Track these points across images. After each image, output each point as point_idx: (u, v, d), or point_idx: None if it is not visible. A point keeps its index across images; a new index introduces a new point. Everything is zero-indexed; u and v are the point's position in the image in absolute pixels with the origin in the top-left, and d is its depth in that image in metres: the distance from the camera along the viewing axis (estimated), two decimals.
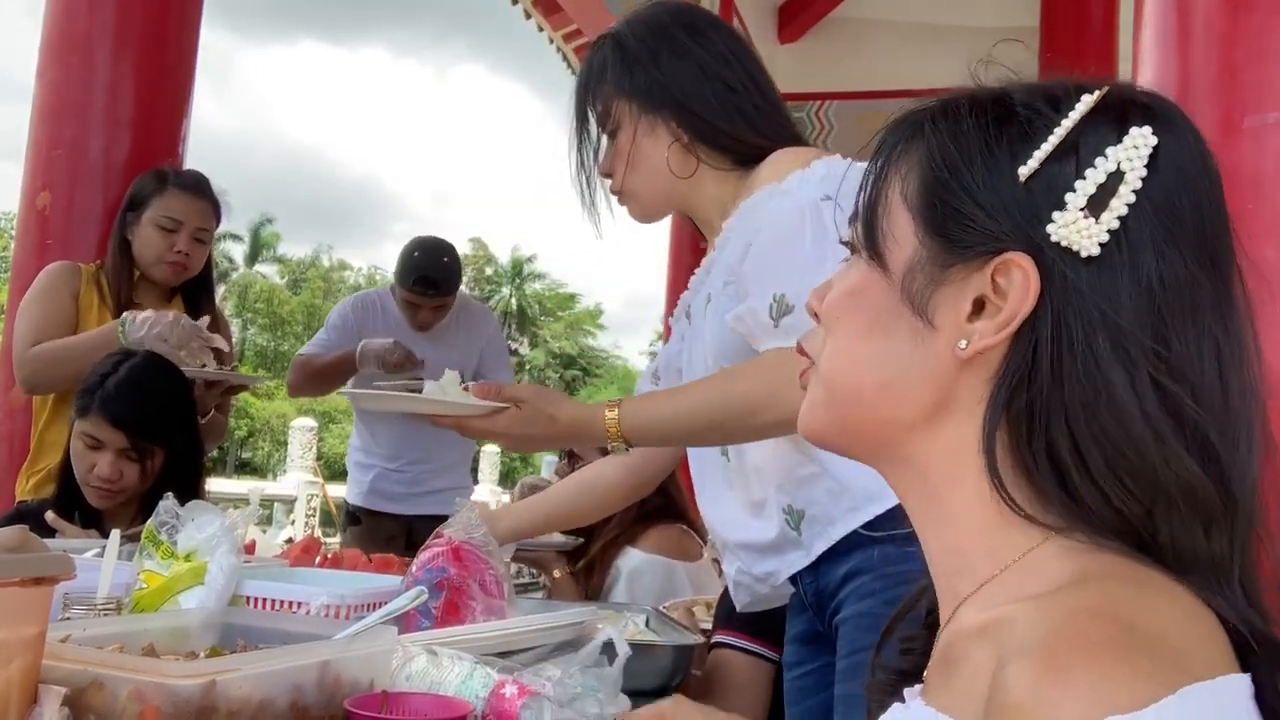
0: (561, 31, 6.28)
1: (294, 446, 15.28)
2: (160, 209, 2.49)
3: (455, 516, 1.49)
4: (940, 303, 0.68)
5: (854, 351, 0.73)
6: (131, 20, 2.69)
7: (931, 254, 0.69)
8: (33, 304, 2.46)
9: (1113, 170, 0.65)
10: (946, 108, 0.72)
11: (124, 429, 2.01)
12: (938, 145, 0.70)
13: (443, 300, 3.43)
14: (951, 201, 0.68)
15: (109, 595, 1.25)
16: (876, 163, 0.74)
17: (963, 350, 0.67)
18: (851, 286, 0.73)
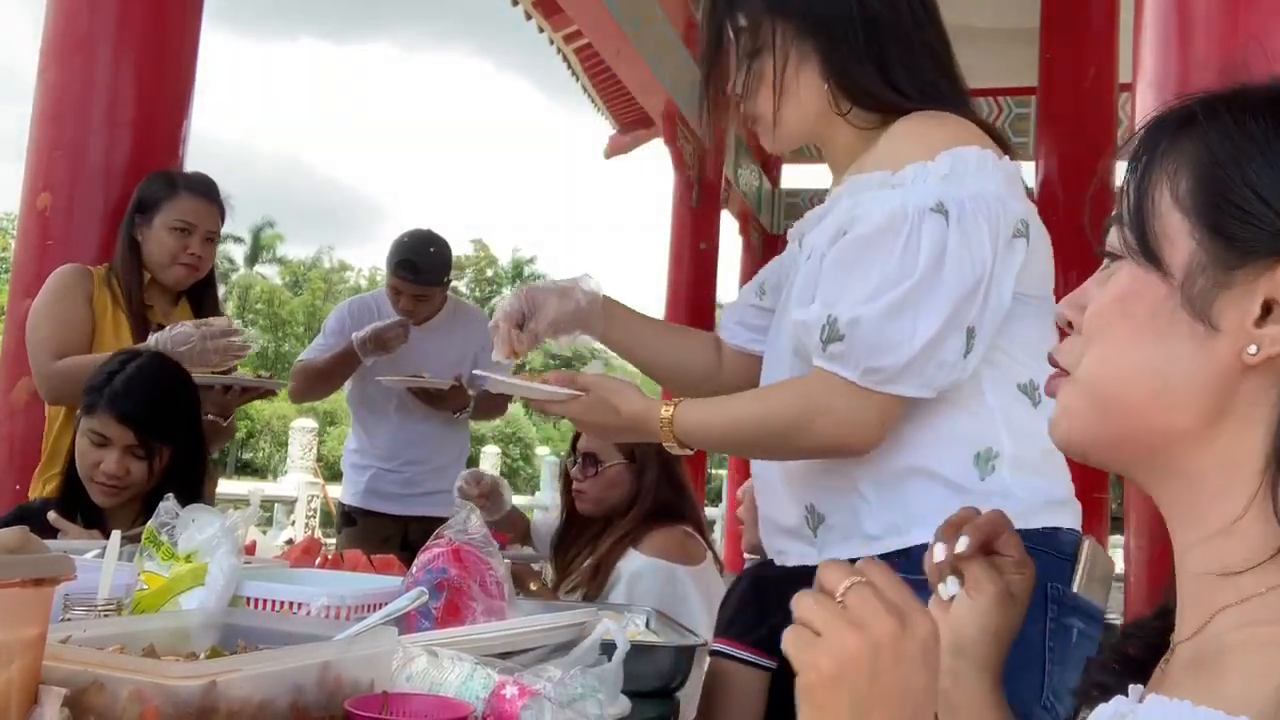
0: (562, 32, 6.29)
1: (294, 447, 15.29)
2: (173, 212, 2.52)
3: (455, 517, 1.49)
4: (1225, 305, 0.66)
5: (1126, 358, 0.70)
6: (132, 20, 2.69)
7: (1213, 256, 0.66)
8: (48, 309, 2.46)
9: None
10: (1218, 100, 0.70)
11: (132, 426, 2.01)
12: (1216, 142, 0.67)
13: (424, 290, 3.44)
14: (1234, 199, 0.66)
15: (109, 596, 1.25)
16: (1139, 162, 0.71)
17: (1253, 356, 0.65)
18: (1123, 291, 0.70)
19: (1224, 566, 0.66)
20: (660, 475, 2.42)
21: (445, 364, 3.47)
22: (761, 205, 8.99)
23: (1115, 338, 0.70)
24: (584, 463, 2.44)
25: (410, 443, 3.52)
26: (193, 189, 2.56)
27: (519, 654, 1.32)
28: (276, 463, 19.84)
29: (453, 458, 3.59)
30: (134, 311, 2.50)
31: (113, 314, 2.51)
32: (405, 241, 3.47)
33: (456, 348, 3.53)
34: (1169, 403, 0.67)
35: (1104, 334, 0.71)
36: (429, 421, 3.51)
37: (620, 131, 7.89)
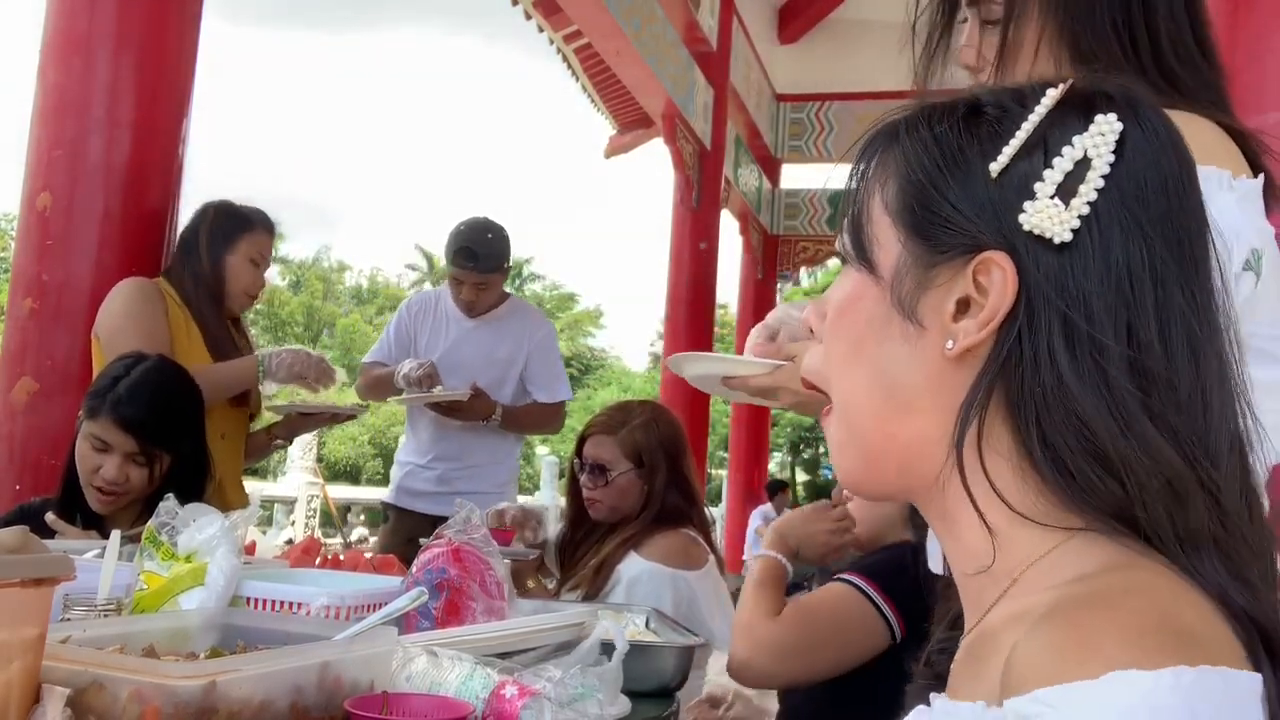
0: (562, 32, 6.29)
1: (294, 448, 15.28)
2: (254, 246, 2.67)
3: (455, 518, 1.49)
4: (928, 305, 0.69)
5: (855, 370, 0.72)
6: (131, 20, 2.69)
7: (915, 257, 0.69)
8: (130, 319, 2.48)
9: (1080, 158, 0.66)
10: (919, 114, 0.73)
11: (134, 433, 2.00)
12: (912, 150, 0.71)
13: (483, 277, 3.42)
14: (928, 204, 0.69)
15: (109, 596, 1.25)
16: (857, 172, 0.74)
17: (950, 350, 0.67)
18: (845, 296, 0.73)
19: (980, 561, 0.69)
20: (669, 478, 2.42)
21: (494, 357, 3.47)
22: (761, 205, 8.99)
23: (843, 348, 0.73)
24: (593, 473, 2.43)
25: (444, 440, 3.51)
26: (265, 226, 2.72)
27: (519, 654, 1.32)
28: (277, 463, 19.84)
29: (489, 458, 3.52)
30: (209, 325, 2.60)
31: (186, 326, 2.57)
32: (462, 230, 3.46)
33: (508, 344, 3.51)
34: (899, 404, 0.70)
35: (834, 346, 0.74)
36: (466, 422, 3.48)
37: (620, 131, 7.89)
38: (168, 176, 2.76)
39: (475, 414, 3.39)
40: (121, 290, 2.51)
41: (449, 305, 3.55)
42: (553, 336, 3.67)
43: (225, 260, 2.62)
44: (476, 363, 3.43)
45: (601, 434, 2.46)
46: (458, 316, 3.54)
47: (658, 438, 2.44)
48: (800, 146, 9.20)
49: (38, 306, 2.60)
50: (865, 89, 8.91)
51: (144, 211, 2.70)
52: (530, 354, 3.51)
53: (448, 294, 3.56)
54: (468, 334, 3.51)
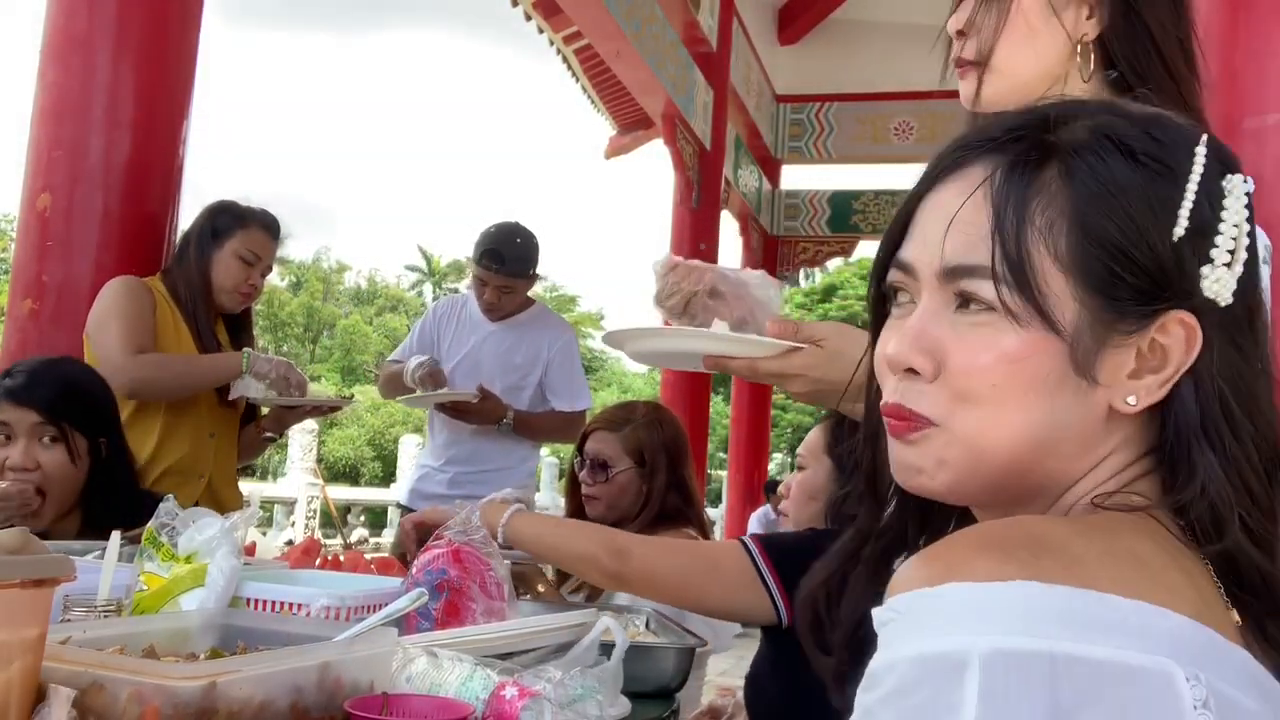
0: (562, 33, 6.29)
1: (294, 449, 15.29)
2: (245, 242, 2.65)
3: (455, 518, 1.49)
4: (1105, 362, 0.68)
5: (1017, 419, 0.69)
6: (131, 20, 2.69)
7: (1094, 314, 0.68)
8: (117, 309, 2.48)
9: (1237, 222, 0.68)
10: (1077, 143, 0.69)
11: (31, 405, 1.84)
12: (1087, 192, 0.68)
13: (507, 281, 3.41)
14: (1115, 258, 0.67)
15: (109, 597, 1.25)
16: (1005, 213, 0.68)
17: (1132, 406, 0.68)
18: (1012, 354, 0.68)
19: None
20: (669, 479, 2.42)
21: (512, 362, 3.47)
22: (761, 206, 8.99)
23: (1006, 401, 0.69)
24: (593, 468, 2.43)
25: (457, 444, 3.52)
26: (262, 224, 2.70)
27: (519, 655, 1.32)
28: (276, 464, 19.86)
29: (502, 463, 3.49)
30: (199, 324, 2.60)
31: (175, 324, 2.58)
32: (491, 232, 3.46)
33: (527, 350, 3.50)
34: (1051, 453, 0.70)
35: (991, 396, 0.69)
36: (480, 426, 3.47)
37: (620, 132, 7.89)
38: (168, 177, 2.76)
39: (485, 417, 3.38)
40: (108, 288, 2.52)
41: (473, 308, 3.55)
42: (573, 345, 3.64)
43: (213, 256, 2.62)
44: (494, 366, 3.44)
45: (604, 430, 2.46)
46: (480, 320, 3.54)
47: (660, 438, 2.44)
48: (800, 147, 9.20)
49: (38, 307, 2.61)
50: (865, 89, 8.92)
51: (144, 212, 2.70)
52: (550, 362, 3.50)
53: (474, 298, 3.56)
54: (488, 338, 3.51)
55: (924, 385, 0.71)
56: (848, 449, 1.89)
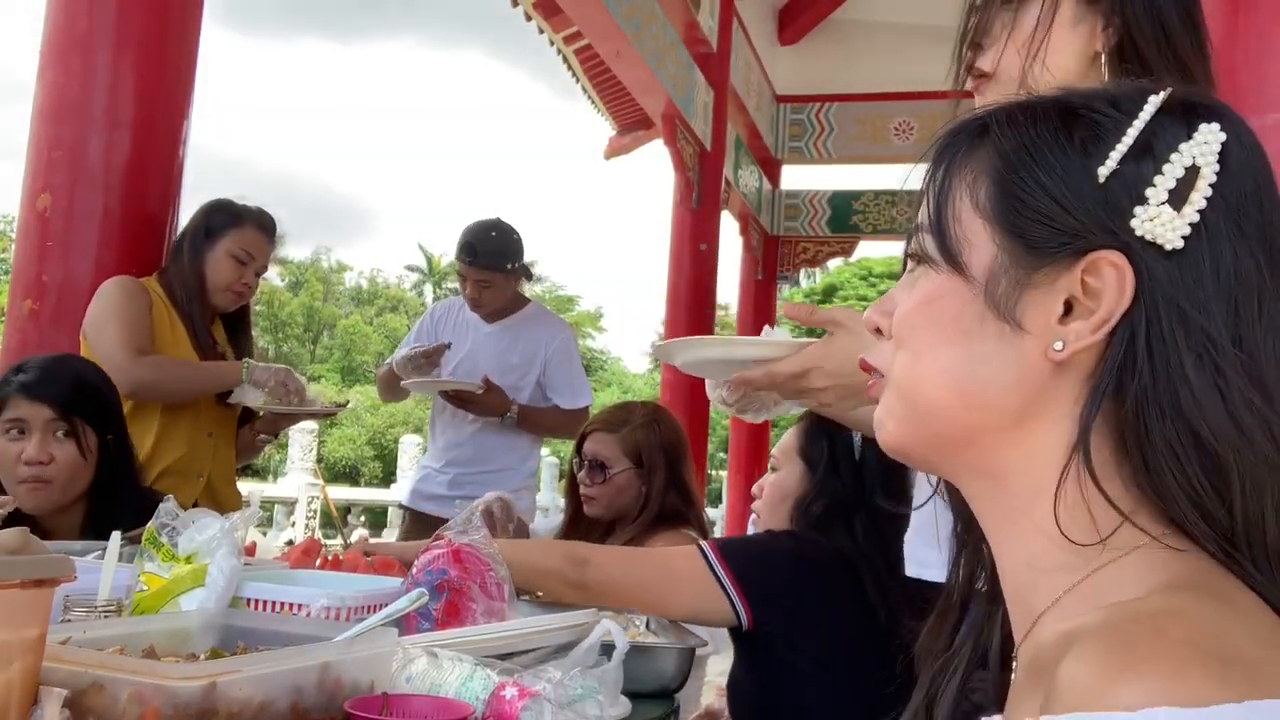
0: (562, 34, 6.28)
1: (294, 449, 15.28)
2: (238, 241, 2.65)
3: (455, 519, 1.49)
4: (1028, 305, 0.67)
5: (935, 360, 0.71)
6: (131, 21, 2.69)
7: (1013, 257, 0.68)
8: (115, 310, 2.48)
9: (1189, 165, 0.66)
10: (1007, 114, 0.72)
11: (47, 401, 1.90)
12: (1009, 148, 0.70)
13: (483, 274, 3.43)
14: (1029, 202, 0.68)
15: (109, 597, 1.25)
16: (938, 171, 0.73)
17: (1059, 352, 0.66)
18: (926, 295, 0.72)
19: (1038, 569, 0.68)
20: (668, 479, 2.42)
21: (508, 363, 3.49)
22: (761, 206, 9.00)
23: (922, 341, 0.72)
24: (591, 469, 2.43)
25: (458, 446, 3.54)
26: (258, 224, 2.71)
27: (519, 655, 1.32)
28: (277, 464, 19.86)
29: (502, 464, 3.50)
30: (195, 324, 2.61)
31: (170, 323, 2.58)
32: (470, 227, 3.49)
33: (523, 351, 3.51)
34: (980, 401, 0.69)
35: (911, 338, 0.73)
36: (480, 426, 3.49)
37: (620, 132, 7.89)
38: (168, 177, 2.76)
39: (489, 409, 3.41)
40: (104, 289, 2.52)
41: (469, 313, 3.57)
42: (571, 342, 3.65)
43: (207, 255, 2.63)
44: (491, 367, 3.45)
45: (602, 431, 2.46)
46: (477, 322, 3.56)
47: (658, 439, 2.45)
48: (800, 147, 9.19)
49: (38, 307, 2.60)
50: (865, 90, 8.91)
51: (144, 212, 2.70)
52: (549, 360, 3.51)
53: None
54: (484, 339, 3.53)
55: (883, 342, 0.76)
56: (819, 450, 1.89)
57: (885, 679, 1.76)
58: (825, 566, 1.78)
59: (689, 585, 1.72)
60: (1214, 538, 0.64)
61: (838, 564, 1.78)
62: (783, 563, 1.79)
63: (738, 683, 1.86)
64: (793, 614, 1.75)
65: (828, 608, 1.77)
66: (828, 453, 1.88)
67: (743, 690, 1.84)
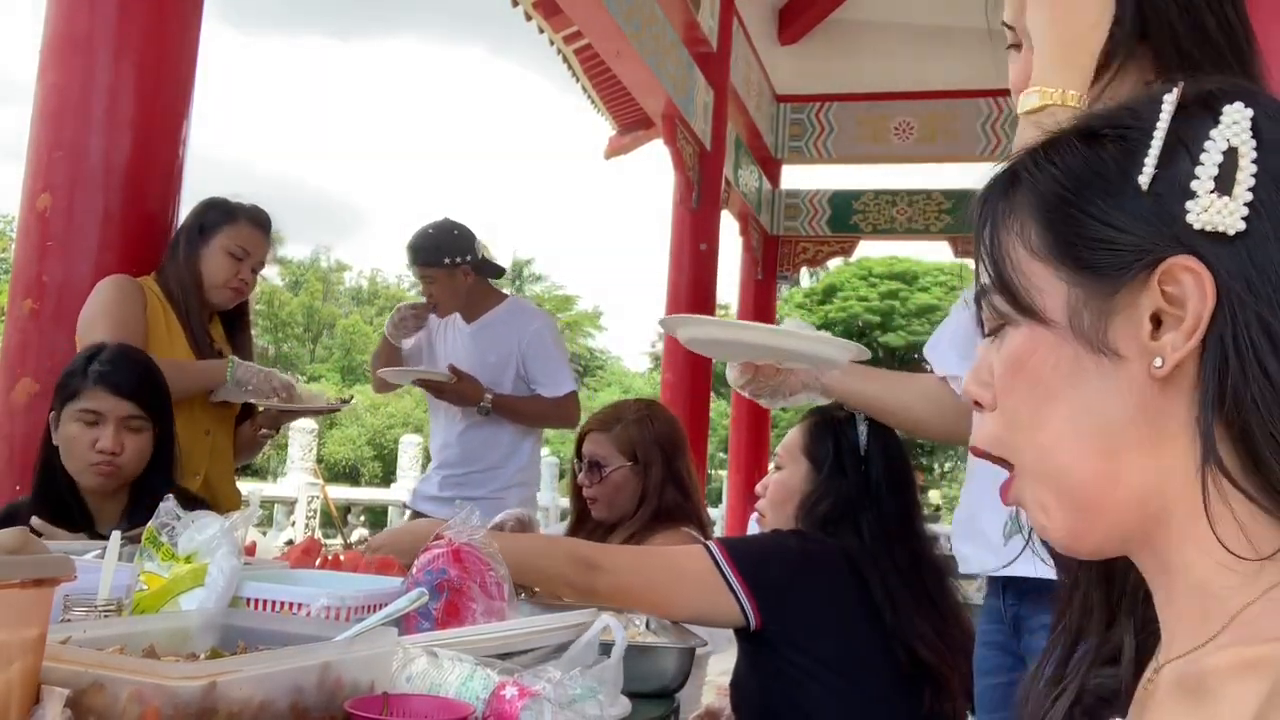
0: (562, 33, 6.28)
1: (294, 448, 15.27)
2: (233, 237, 2.65)
3: (455, 518, 1.49)
4: (1118, 331, 0.66)
5: (1050, 422, 0.68)
6: (132, 21, 2.69)
7: (1087, 290, 0.67)
8: (105, 312, 2.48)
9: (1225, 149, 0.65)
10: (1032, 157, 0.71)
11: (126, 396, 2.02)
12: (1046, 188, 0.69)
13: (424, 271, 3.49)
14: (1084, 231, 0.67)
15: (109, 597, 1.25)
16: (984, 230, 0.72)
17: (1160, 368, 0.64)
18: (1016, 355, 0.69)
19: (1203, 595, 0.66)
20: (664, 474, 2.43)
21: (486, 362, 3.50)
22: (761, 206, 8.99)
23: (1029, 406, 0.69)
24: (589, 470, 2.44)
25: (446, 446, 3.58)
26: (253, 220, 2.71)
27: (519, 654, 1.32)
28: (276, 464, 19.86)
29: (490, 462, 3.53)
30: (192, 322, 2.61)
31: (166, 322, 2.58)
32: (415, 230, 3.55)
33: (500, 348, 3.53)
34: (1113, 448, 0.66)
35: (1017, 406, 0.70)
36: (466, 426, 3.52)
37: (620, 132, 7.88)
38: (168, 177, 2.76)
39: (462, 398, 3.44)
40: (99, 288, 2.52)
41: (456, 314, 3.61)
42: (547, 330, 3.64)
43: (202, 253, 2.63)
44: (470, 367, 3.47)
45: (596, 431, 2.47)
46: (459, 324, 3.59)
47: (652, 434, 2.45)
48: (800, 147, 9.19)
49: (38, 307, 2.60)
50: (865, 90, 8.91)
51: (144, 212, 2.70)
52: (524, 353, 3.53)
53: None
54: (464, 340, 3.56)
55: (985, 417, 0.72)
56: (824, 450, 1.90)
57: (891, 679, 1.76)
58: (832, 566, 1.78)
59: (696, 586, 1.72)
60: None
61: (844, 564, 1.78)
62: (790, 563, 1.79)
63: (742, 682, 1.86)
64: (800, 614, 1.75)
65: (834, 608, 1.77)
66: (833, 451, 1.88)
67: (747, 690, 1.84)
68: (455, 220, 3.57)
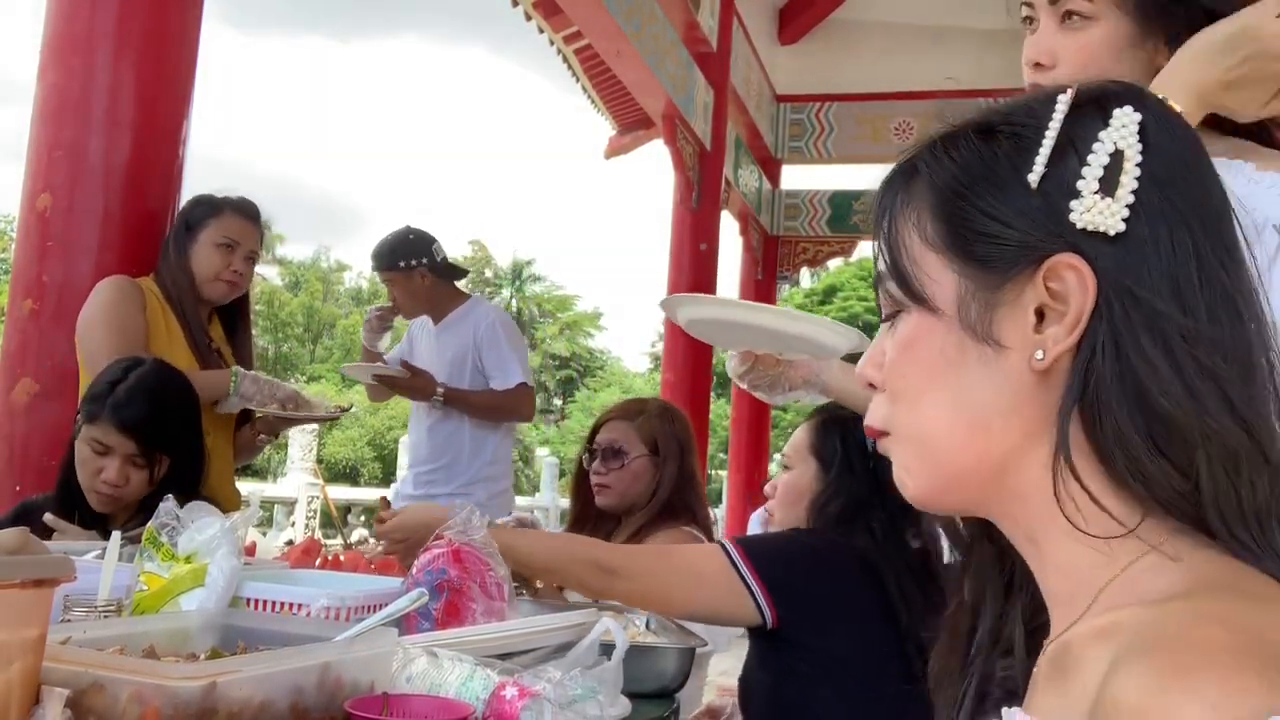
0: (562, 33, 6.28)
1: (294, 449, 15.28)
2: (219, 229, 2.64)
3: (455, 518, 1.49)
4: (1002, 323, 0.68)
5: (933, 402, 0.71)
6: (132, 21, 2.69)
7: (976, 281, 0.69)
8: (103, 316, 2.48)
9: (1111, 151, 0.67)
10: (928, 148, 0.73)
11: (134, 436, 2.02)
12: (941, 181, 0.71)
13: (385, 275, 3.62)
14: (975, 225, 0.69)
15: (109, 597, 1.25)
16: (883, 220, 0.74)
17: (1041, 360, 0.67)
18: (906, 339, 0.73)
19: (1071, 575, 0.68)
20: (679, 471, 2.44)
21: (445, 359, 3.61)
22: (761, 206, 8.99)
23: (914, 387, 0.72)
24: (606, 456, 2.43)
25: (416, 445, 3.70)
26: (238, 209, 2.69)
27: (519, 655, 1.32)
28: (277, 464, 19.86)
29: (452, 457, 3.61)
30: (190, 321, 2.60)
31: (166, 323, 2.57)
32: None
33: (457, 345, 3.62)
34: (984, 427, 0.69)
35: (903, 386, 0.73)
36: (431, 424, 3.62)
37: (620, 132, 7.89)
38: (168, 177, 2.75)
39: (416, 393, 3.55)
40: (97, 290, 2.51)
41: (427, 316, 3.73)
42: (499, 324, 3.69)
43: (190, 249, 2.63)
44: (432, 367, 3.58)
45: (619, 419, 2.49)
46: (429, 326, 3.72)
47: (672, 429, 2.48)
48: (800, 147, 9.19)
49: (38, 307, 2.60)
50: (865, 89, 8.91)
51: (144, 211, 2.70)
52: (478, 346, 3.61)
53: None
54: (430, 341, 3.70)
55: (878, 397, 0.76)
56: (831, 449, 1.90)
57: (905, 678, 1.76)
58: (847, 566, 1.78)
59: (713, 586, 1.73)
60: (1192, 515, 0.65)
61: (859, 564, 1.78)
62: (806, 561, 1.79)
63: (751, 679, 1.86)
64: (815, 612, 1.75)
65: (849, 606, 1.77)
66: (840, 451, 1.88)
67: (757, 687, 1.84)
68: (414, 227, 3.69)
